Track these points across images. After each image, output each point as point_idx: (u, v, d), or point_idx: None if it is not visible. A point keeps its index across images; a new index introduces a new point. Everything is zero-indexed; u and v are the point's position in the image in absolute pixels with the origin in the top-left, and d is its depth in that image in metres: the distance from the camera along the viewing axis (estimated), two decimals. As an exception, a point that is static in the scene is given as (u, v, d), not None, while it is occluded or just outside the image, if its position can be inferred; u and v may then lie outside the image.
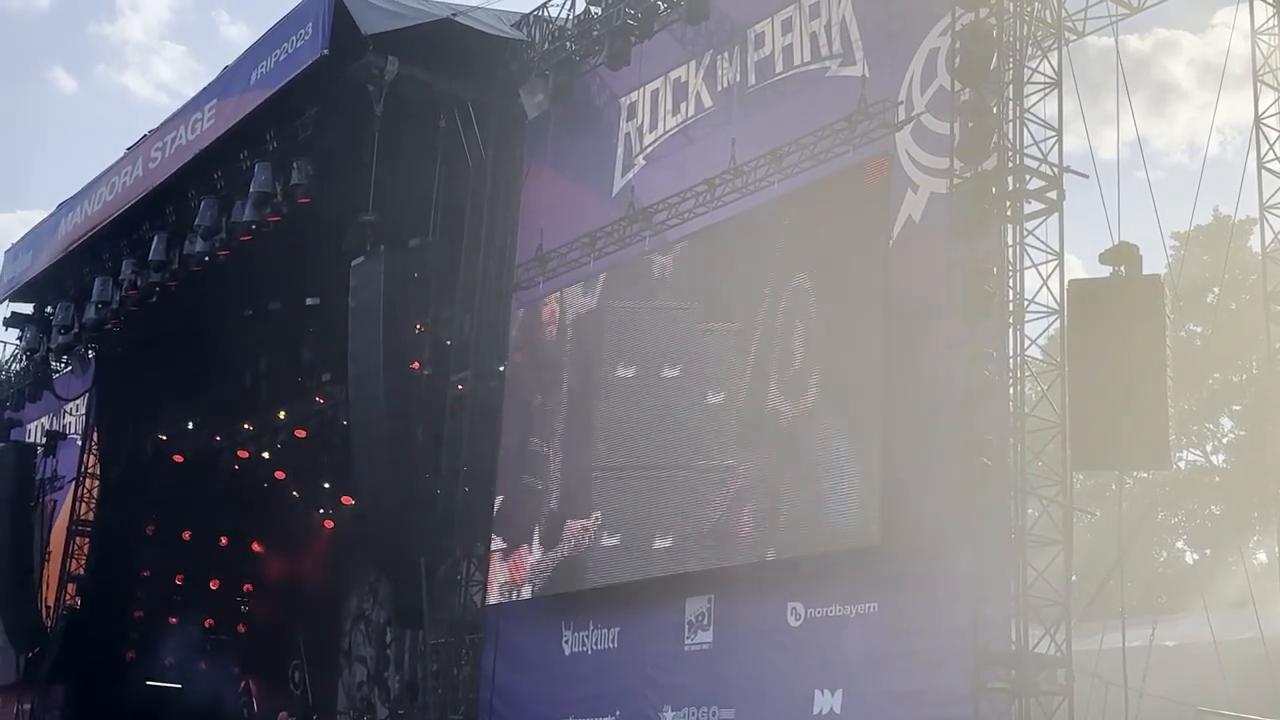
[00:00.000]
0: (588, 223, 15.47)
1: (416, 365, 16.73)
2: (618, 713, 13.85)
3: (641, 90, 15.54)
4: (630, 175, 15.49)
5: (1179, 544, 28.13)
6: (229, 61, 18.23)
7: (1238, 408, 27.22)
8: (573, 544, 14.37)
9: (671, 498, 13.41)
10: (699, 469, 13.20)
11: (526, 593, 14.97)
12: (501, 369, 16.28)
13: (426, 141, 16.50)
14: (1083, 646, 11.19)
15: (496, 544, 15.43)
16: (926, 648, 11.07)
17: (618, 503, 13.96)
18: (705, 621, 13.23)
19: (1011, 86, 11.65)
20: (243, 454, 23.09)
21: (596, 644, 14.42)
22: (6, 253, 23.88)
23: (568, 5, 15.89)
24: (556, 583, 14.59)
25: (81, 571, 23.53)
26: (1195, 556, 27.50)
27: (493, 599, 15.39)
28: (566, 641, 14.75)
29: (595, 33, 15.30)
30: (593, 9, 15.38)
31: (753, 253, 13.32)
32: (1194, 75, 43.60)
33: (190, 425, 23.47)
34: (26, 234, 23.45)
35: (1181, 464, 25.87)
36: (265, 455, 22.89)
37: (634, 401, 14.09)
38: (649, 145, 15.40)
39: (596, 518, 14.10)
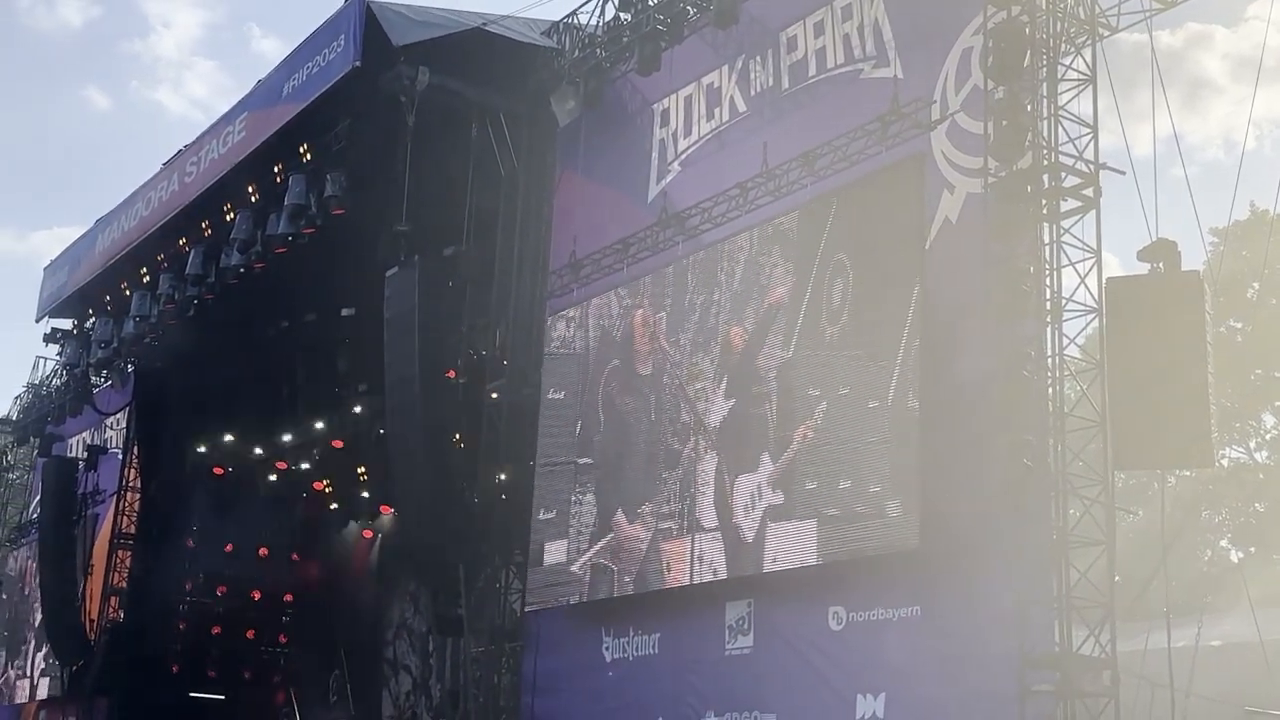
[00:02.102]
0: (621, 229, 15.47)
1: (452, 374, 16.76)
2: (660, 719, 13.82)
3: (674, 96, 15.53)
4: (665, 181, 15.47)
5: (1223, 542, 27.92)
6: (261, 76, 18.36)
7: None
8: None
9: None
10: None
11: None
12: (539, 375, 16.29)
13: (459, 151, 16.55)
14: (1127, 647, 11.10)
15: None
16: (969, 651, 10.99)
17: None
18: (745, 626, 13.18)
19: (1045, 84, 11.57)
20: (281, 465, 23.25)
21: (637, 650, 14.40)
22: (45, 269, 24.11)
23: (597, 12, 15.90)
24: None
25: (124, 585, 23.69)
26: (1239, 554, 27.29)
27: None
28: (607, 648, 14.74)
29: (625, 39, 15.29)
30: (622, 15, 15.38)
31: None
32: (1228, 69, 43.36)
33: (229, 437, 23.62)
34: (65, 250, 23.66)
35: (1224, 461, 25.69)
36: (304, 466, 23.03)
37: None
38: (684, 151, 15.38)
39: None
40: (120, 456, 24.84)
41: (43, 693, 25.94)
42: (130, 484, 24.24)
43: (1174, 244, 11.26)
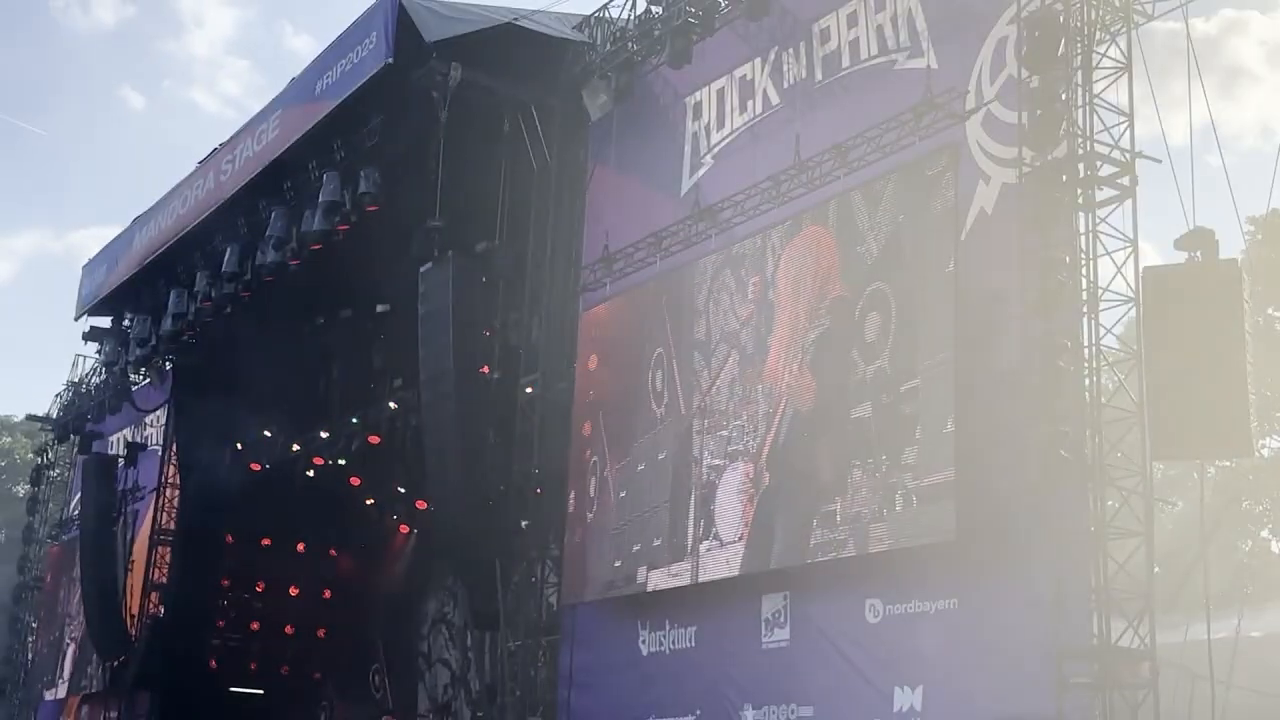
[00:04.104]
0: (653, 223, 15.46)
1: (486, 369, 16.79)
2: (698, 712, 13.83)
3: (707, 89, 15.50)
4: (699, 175, 15.44)
5: (1264, 533, 27.61)
6: (294, 74, 18.46)
7: (1320, 392, 26.66)
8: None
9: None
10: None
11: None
12: (572, 370, 16.30)
13: (491, 146, 16.59)
14: (1167, 639, 11.02)
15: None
16: (1007, 643, 10.95)
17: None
18: (782, 619, 13.17)
19: (1080, 73, 11.48)
20: (318, 461, 23.33)
21: (674, 644, 14.40)
22: (84, 267, 24.29)
23: (628, 6, 15.89)
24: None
25: (164, 580, 23.86)
26: (1280, 545, 27.00)
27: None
28: (643, 641, 14.75)
29: (657, 32, 15.26)
30: (653, 8, 15.36)
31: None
32: (1264, 56, 42.97)
33: (266, 433, 23.74)
34: (103, 248, 23.83)
35: (1264, 451, 25.42)
36: (340, 462, 23.11)
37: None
38: (717, 144, 15.35)
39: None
40: (159, 453, 25.02)
41: (84, 688, 26.17)
42: (170, 480, 24.41)
43: (1211, 232, 11.17)
